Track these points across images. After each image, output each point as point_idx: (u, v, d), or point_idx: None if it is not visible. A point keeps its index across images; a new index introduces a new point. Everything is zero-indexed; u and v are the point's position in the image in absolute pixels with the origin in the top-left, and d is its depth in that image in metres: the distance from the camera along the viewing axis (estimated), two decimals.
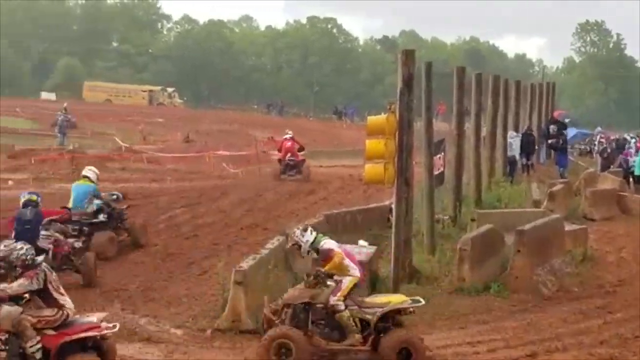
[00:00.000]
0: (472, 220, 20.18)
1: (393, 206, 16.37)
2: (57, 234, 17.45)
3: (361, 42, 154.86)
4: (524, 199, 25.35)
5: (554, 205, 24.35)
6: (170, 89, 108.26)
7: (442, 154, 22.15)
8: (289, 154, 35.47)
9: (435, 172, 20.22)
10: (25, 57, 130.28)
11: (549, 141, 35.76)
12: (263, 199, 29.89)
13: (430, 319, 14.18)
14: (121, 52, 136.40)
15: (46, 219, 17.49)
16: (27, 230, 16.31)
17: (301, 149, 35.70)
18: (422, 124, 19.65)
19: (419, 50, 22.77)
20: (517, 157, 32.08)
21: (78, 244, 18.36)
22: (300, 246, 12.39)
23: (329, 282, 11.85)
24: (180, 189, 32.14)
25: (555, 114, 44.05)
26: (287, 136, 36.28)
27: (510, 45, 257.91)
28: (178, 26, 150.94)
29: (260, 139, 48.73)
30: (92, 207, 19.66)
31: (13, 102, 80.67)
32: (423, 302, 12.09)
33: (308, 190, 32.38)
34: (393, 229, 15.92)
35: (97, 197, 20.00)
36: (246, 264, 13.68)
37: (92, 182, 20.23)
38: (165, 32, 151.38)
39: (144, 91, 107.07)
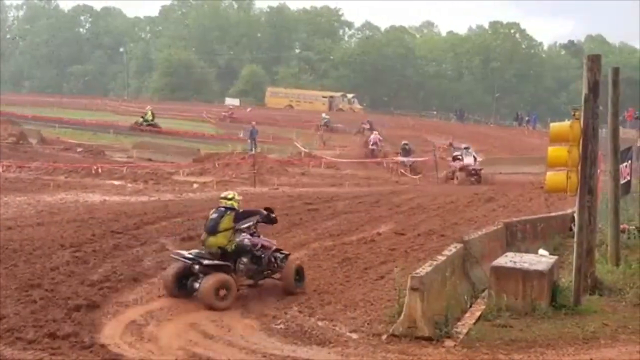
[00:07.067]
0: None
1: (575, 215, 15.91)
2: None
3: (545, 47, 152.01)
4: None
5: None
6: (350, 95, 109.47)
7: (629, 162, 21.38)
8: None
9: (622, 181, 19.54)
10: (212, 64, 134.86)
11: None
12: (440, 206, 29.70)
13: (613, 332, 13.63)
14: (303, 58, 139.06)
15: None
16: None
17: None
18: (607, 131, 19.02)
19: (605, 55, 22.00)
20: None
21: None
22: None
23: None
24: (357, 194, 32.36)
25: None
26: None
27: None
28: (359, 32, 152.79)
29: (438, 145, 48.37)
30: None
31: (200, 108, 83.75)
32: None
33: (487, 197, 31.99)
34: (575, 239, 15.47)
35: None
36: (423, 270, 13.58)
37: None
38: (346, 39, 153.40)
39: (324, 97, 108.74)
